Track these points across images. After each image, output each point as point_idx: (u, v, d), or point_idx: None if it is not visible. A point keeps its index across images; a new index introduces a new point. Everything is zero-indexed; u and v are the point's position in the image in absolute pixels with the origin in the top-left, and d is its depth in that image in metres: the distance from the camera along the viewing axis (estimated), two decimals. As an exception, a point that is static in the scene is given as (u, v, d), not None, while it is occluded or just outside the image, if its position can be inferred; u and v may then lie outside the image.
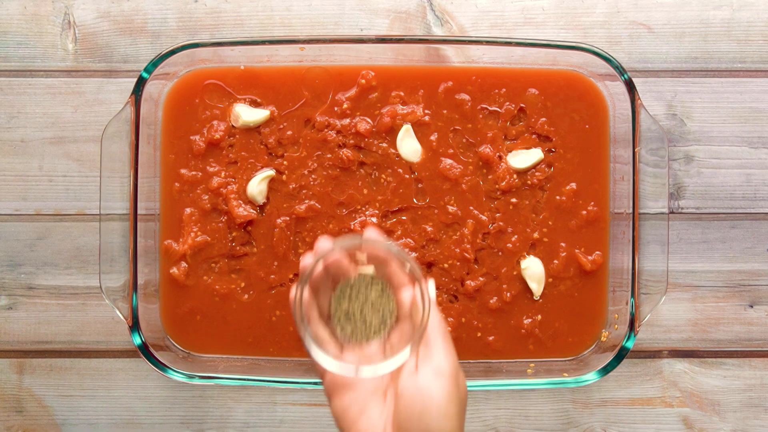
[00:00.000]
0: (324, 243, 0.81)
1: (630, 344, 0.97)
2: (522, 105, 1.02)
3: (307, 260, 0.80)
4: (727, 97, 1.06)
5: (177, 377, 0.98)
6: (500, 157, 1.02)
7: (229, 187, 1.02)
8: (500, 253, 1.02)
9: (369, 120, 1.02)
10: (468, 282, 1.02)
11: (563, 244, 1.02)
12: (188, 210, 1.02)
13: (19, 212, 1.06)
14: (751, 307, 1.06)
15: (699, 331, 1.06)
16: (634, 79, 1.00)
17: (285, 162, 1.02)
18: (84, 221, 1.06)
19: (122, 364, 1.06)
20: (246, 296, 1.02)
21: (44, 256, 1.06)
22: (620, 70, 0.98)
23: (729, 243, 1.06)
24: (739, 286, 1.06)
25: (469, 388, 1.02)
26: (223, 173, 1.02)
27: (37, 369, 1.06)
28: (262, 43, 0.99)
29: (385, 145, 1.02)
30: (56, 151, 1.06)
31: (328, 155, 1.02)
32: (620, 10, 1.05)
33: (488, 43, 0.99)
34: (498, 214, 1.02)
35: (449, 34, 1.05)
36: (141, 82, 0.98)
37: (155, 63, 0.98)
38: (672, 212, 1.06)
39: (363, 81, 1.02)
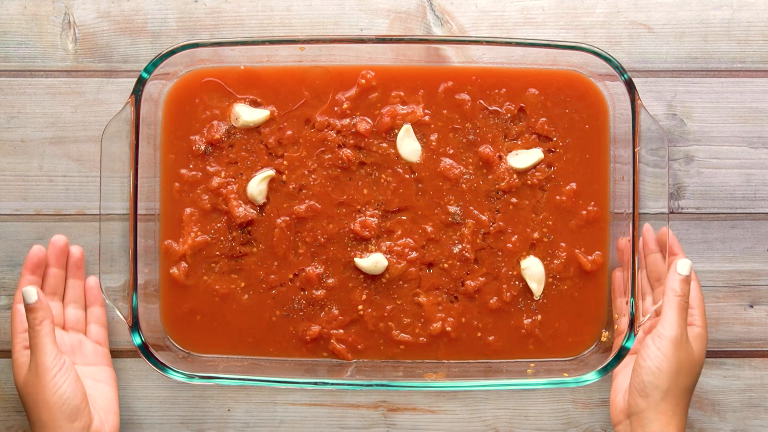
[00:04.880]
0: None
1: (630, 344, 0.97)
2: (522, 105, 1.02)
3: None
4: (727, 97, 1.06)
5: (177, 377, 0.98)
6: (500, 157, 1.02)
7: (229, 187, 1.02)
8: (500, 253, 1.02)
9: (369, 120, 1.02)
10: (468, 282, 1.02)
11: (563, 244, 1.02)
12: (188, 210, 1.02)
13: (19, 212, 1.06)
14: (751, 307, 1.06)
15: (699, 331, 1.06)
16: (634, 79, 0.99)
17: (285, 162, 1.02)
18: (84, 221, 1.06)
19: (122, 364, 1.06)
20: (246, 296, 1.02)
21: (44, 256, 1.05)
22: (620, 70, 0.98)
23: (729, 243, 1.06)
24: (739, 286, 1.06)
25: (469, 388, 1.02)
26: (223, 173, 1.02)
27: (37, 369, 1.06)
28: (262, 43, 0.99)
29: (385, 145, 1.02)
30: (56, 151, 1.06)
31: (328, 155, 1.02)
32: (620, 10, 1.05)
33: (488, 43, 0.99)
34: (498, 214, 1.02)
35: (449, 34, 1.05)
36: (141, 82, 0.98)
37: (155, 63, 0.98)
38: (672, 212, 1.06)
39: (363, 81, 1.02)
